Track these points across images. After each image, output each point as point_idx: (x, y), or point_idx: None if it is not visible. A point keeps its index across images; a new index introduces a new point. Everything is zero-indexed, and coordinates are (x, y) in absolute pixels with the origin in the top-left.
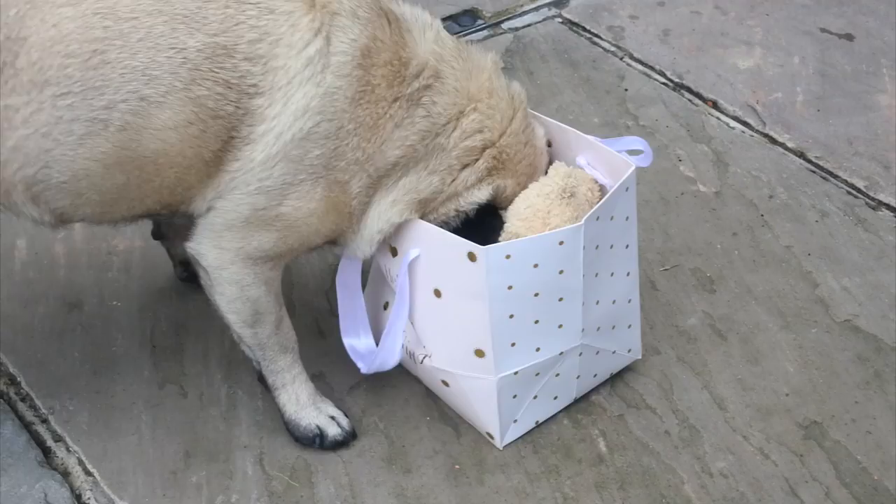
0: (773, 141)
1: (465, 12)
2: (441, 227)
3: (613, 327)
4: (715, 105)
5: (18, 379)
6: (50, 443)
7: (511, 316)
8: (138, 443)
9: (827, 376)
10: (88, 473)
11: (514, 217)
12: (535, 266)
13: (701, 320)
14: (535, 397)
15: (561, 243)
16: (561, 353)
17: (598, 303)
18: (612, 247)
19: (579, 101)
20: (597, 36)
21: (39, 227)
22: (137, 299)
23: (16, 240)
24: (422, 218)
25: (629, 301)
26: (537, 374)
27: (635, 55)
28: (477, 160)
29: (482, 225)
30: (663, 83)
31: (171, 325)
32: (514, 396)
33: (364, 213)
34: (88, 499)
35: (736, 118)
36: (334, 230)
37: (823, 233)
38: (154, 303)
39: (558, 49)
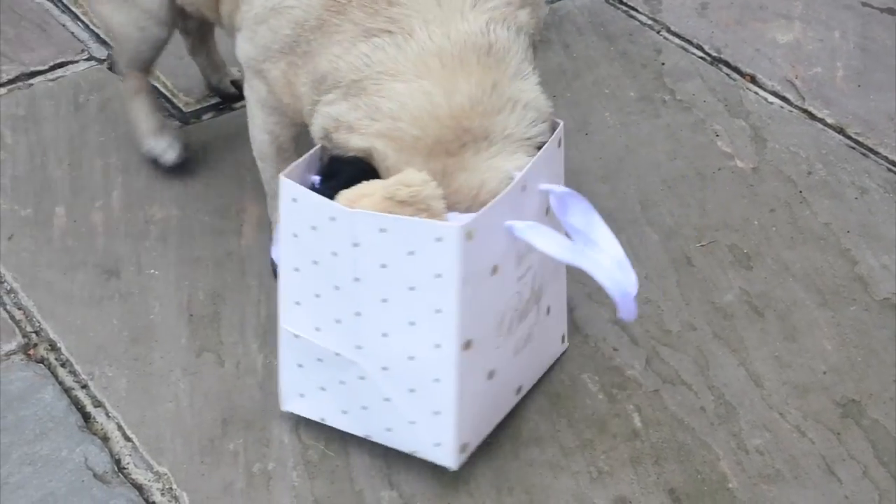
0: (813, 116)
1: None
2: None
3: (412, 390)
4: (753, 80)
5: (59, 345)
6: (90, 408)
7: (296, 269)
8: (176, 410)
9: (865, 354)
10: (128, 439)
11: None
12: (314, 229)
13: (737, 297)
14: (324, 389)
15: (333, 219)
16: (338, 355)
17: (384, 335)
18: (412, 289)
19: (615, 74)
20: (633, 9)
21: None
22: (174, 268)
23: (55, 207)
24: (324, 138)
25: (436, 380)
26: (320, 360)
27: (672, 28)
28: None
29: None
30: (701, 57)
31: (207, 295)
32: (300, 366)
33: (312, 113)
34: (128, 464)
35: (774, 93)
36: (295, 108)
37: (863, 210)
38: (191, 272)
39: (595, 22)
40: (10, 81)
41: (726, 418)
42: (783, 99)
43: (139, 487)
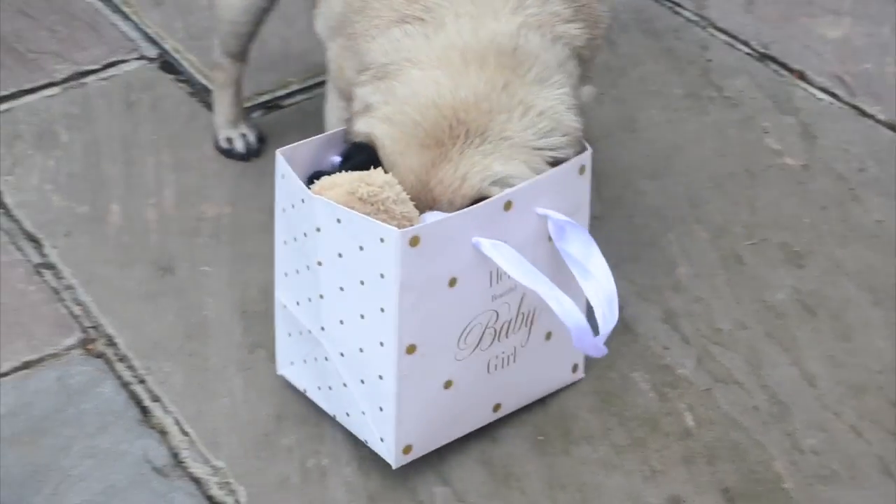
0: (863, 113)
1: None
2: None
3: (362, 381)
4: (802, 76)
5: (116, 340)
6: (148, 402)
7: (284, 242)
8: (231, 405)
9: None
10: (185, 433)
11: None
12: (293, 207)
13: (789, 295)
14: (305, 362)
15: (302, 201)
16: (310, 332)
17: (341, 322)
18: (362, 283)
19: (661, 71)
20: (679, 5)
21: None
22: (227, 265)
23: (109, 204)
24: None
25: (380, 377)
26: (300, 333)
27: (719, 25)
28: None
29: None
30: (748, 53)
31: (259, 291)
32: (289, 335)
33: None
34: (185, 458)
35: (824, 89)
36: (348, 93)
37: None
38: (243, 269)
39: (639, 19)
40: (64, 80)
41: (780, 418)
42: (833, 95)
43: (197, 481)
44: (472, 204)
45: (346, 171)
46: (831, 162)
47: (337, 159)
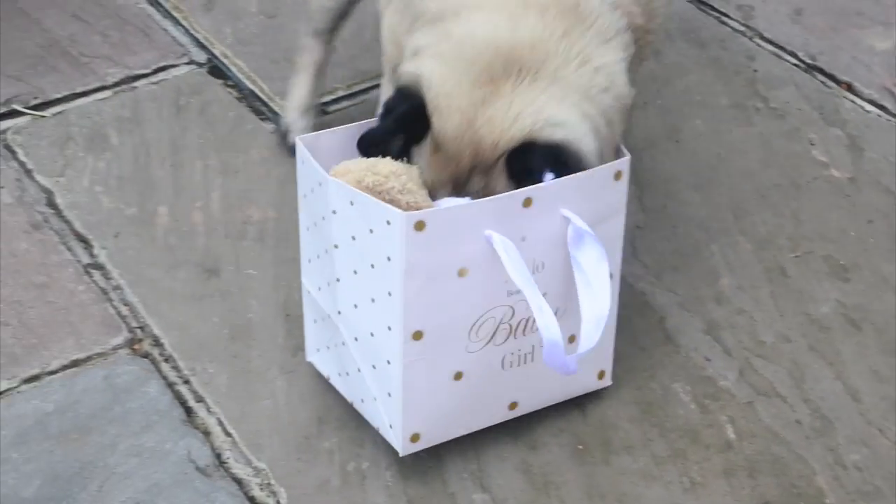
0: None
1: None
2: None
3: (374, 367)
4: (850, 88)
5: (162, 340)
6: (191, 403)
7: (307, 228)
8: (274, 407)
9: None
10: (228, 434)
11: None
12: (312, 192)
13: (833, 309)
14: (328, 348)
15: (319, 184)
16: (329, 317)
17: (355, 306)
18: (373, 266)
19: (707, 81)
20: (725, 15)
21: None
22: (271, 269)
23: (157, 206)
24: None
25: (388, 362)
26: (323, 319)
27: (765, 35)
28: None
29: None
30: (795, 64)
31: (301, 282)
32: (315, 321)
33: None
34: (228, 458)
35: (872, 101)
36: (397, 61)
37: None
38: (287, 273)
39: (685, 28)
40: (116, 84)
41: (823, 432)
42: (881, 108)
43: (239, 481)
44: (517, 150)
45: (389, 124)
46: (878, 175)
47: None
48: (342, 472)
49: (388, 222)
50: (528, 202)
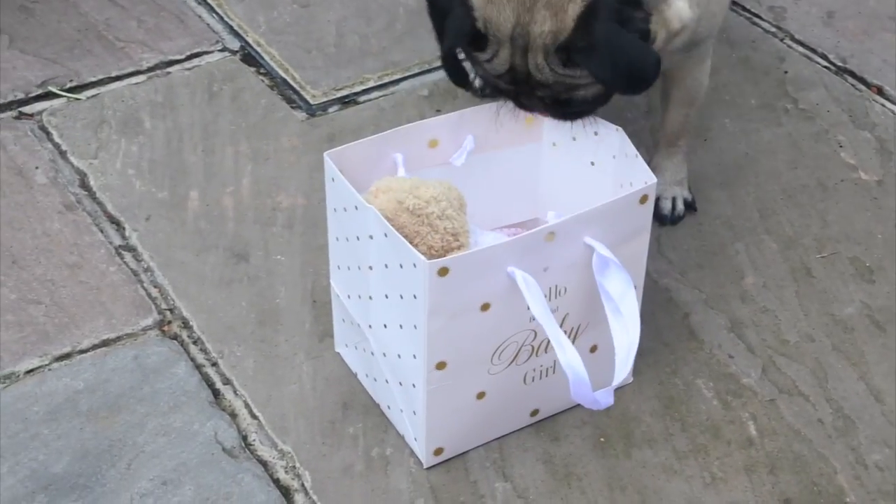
0: None
1: None
2: None
3: (400, 384)
4: (880, 91)
5: (191, 323)
6: (219, 385)
7: (336, 238)
8: (299, 391)
9: None
10: (254, 417)
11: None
12: (345, 210)
13: (858, 310)
14: (356, 348)
15: (355, 208)
16: (359, 325)
17: (384, 326)
18: (401, 297)
19: (737, 81)
20: (757, 16)
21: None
22: (299, 255)
23: (189, 191)
24: None
25: (413, 385)
26: (351, 323)
27: (797, 37)
28: None
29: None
30: (825, 66)
31: (329, 282)
32: (343, 320)
33: None
34: (254, 440)
35: None
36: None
37: None
38: (314, 259)
39: None
40: (150, 69)
41: (844, 431)
42: None
43: (264, 463)
44: (580, 18)
45: (445, 37)
46: None
47: (399, 156)
48: (366, 458)
49: (415, 265)
50: (550, 236)
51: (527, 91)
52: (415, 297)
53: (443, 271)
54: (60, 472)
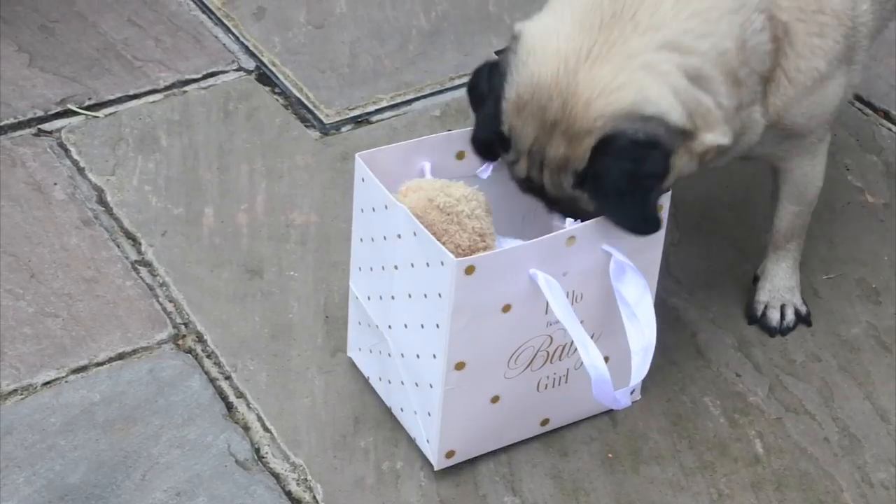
0: None
1: None
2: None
3: (416, 384)
4: (887, 115)
5: (205, 337)
6: (232, 398)
7: (361, 239)
8: (311, 405)
9: None
10: (267, 430)
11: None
12: (373, 210)
13: (865, 331)
14: (371, 352)
15: (385, 207)
16: (377, 327)
17: (405, 326)
18: (426, 296)
19: None
20: None
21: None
22: (312, 271)
23: (204, 207)
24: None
25: (430, 385)
26: (368, 326)
27: None
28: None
29: None
30: None
31: (342, 298)
32: (359, 323)
33: None
34: (266, 453)
35: None
36: None
37: None
38: (327, 276)
39: None
40: (167, 88)
41: (850, 450)
42: None
43: (277, 476)
44: (594, 151)
45: (476, 125)
46: None
47: (427, 164)
48: (377, 471)
49: (442, 263)
50: (571, 241)
51: (542, 198)
52: (439, 295)
53: (469, 269)
54: (76, 483)
